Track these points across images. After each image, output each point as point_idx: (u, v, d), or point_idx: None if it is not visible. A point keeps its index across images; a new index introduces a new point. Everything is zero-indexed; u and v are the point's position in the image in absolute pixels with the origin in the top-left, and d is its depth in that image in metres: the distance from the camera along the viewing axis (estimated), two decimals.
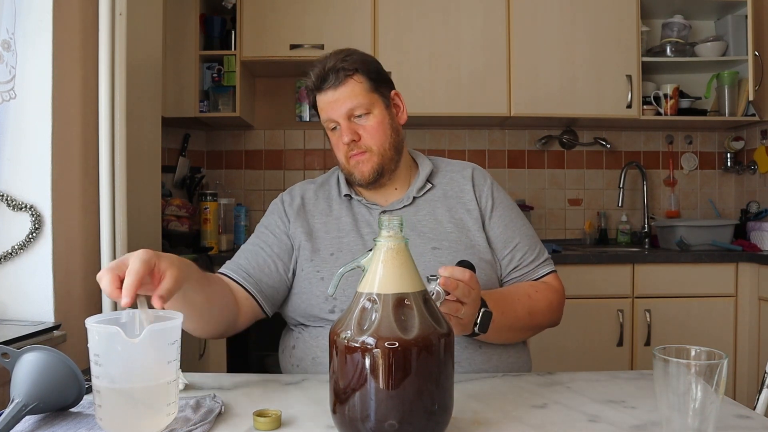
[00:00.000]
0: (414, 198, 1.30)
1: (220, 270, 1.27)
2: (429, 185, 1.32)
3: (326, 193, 1.35)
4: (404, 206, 1.29)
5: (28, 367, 0.82)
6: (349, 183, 1.33)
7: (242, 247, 1.33)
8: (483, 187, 1.33)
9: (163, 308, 0.82)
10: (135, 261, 0.81)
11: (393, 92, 1.31)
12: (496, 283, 1.26)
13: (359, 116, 1.24)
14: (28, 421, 0.83)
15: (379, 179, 1.27)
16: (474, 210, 1.29)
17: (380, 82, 1.27)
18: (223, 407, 0.88)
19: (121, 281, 0.80)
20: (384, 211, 1.28)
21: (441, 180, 1.34)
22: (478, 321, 1.02)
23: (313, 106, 1.30)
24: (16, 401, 0.79)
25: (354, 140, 1.23)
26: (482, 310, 1.02)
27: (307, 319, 1.23)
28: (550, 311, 1.27)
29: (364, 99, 1.23)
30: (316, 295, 1.22)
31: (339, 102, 1.22)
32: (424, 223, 1.26)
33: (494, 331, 1.07)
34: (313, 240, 1.27)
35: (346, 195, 1.31)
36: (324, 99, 1.24)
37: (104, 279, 0.80)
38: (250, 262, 1.26)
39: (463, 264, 1.00)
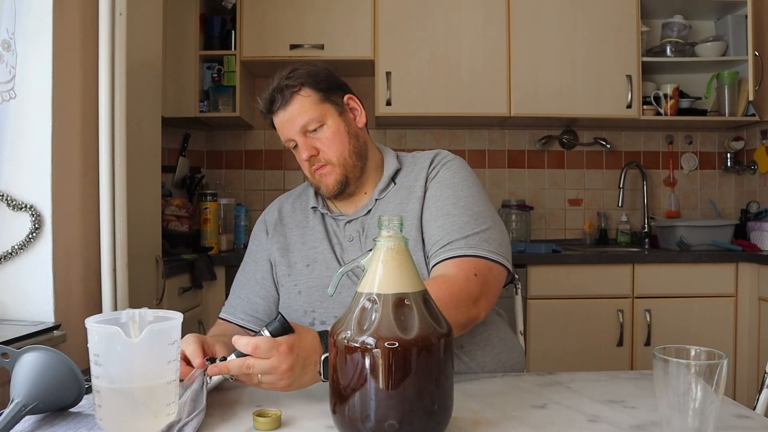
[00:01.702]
0: (376, 200, 1.26)
1: (220, 315, 1.32)
2: (392, 185, 1.27)
3: (303, 205, 1.34)
4: (368, 211, 1.26)
5: (28, 367, 0.82)
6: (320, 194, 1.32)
7: (234, 282, 1.36)
8: (434, 168, 1.25)
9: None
10: (187, 345, 0.96)
11: (346, 96, 1.27)
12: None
13: (314, 130, 1.21)
14: (28, 421, 0.83)
15: (345, 190, 1.24)
16: (421, 197, 1.22)
17: (330, 90, 1.24)
18: (206, 385, 0.88)
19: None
20: (349, 221, 1.26)
21: (402, 175, 1.28)
22: (321, 370, 0.89)
23: (273, 128, 1.28)
24: (15, 401, 0.80)
25: (313, 155, 1.22)
26: (324, 356, 0.88)
27: None
28: (444, 309, 0.95)
29: (315, 112, 1.21)
30: (294, 309, 1.23)
31: (291, 121, 1.21)
32: (374, 224, 1.23)
33: None
34: (288, 255, 1.28)
35: (313, 207, 1.31)
36: (277, 120, 1.23)
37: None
38: (242, 300, 1.30)
39: (275, 326, 0.87)
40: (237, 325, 1.28)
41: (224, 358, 0.89)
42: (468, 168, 1.27)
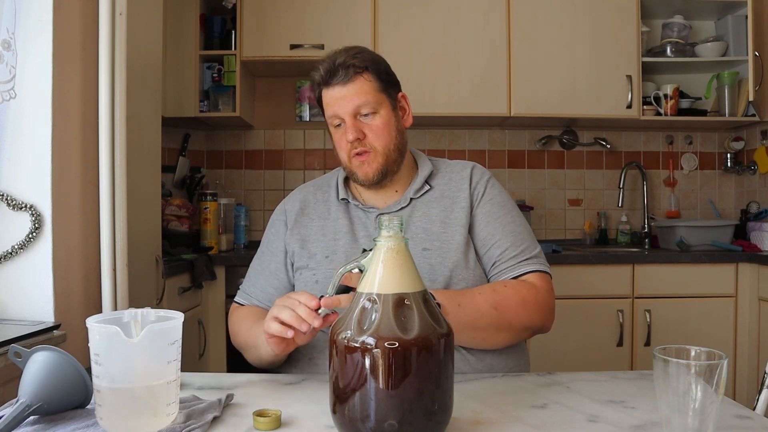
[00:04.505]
0: (411, 199, 1.29)
1: (236, 299, 1.34)
2: (427, 187, 1.30)
3: (325, 196, 1.35)
4: (401, 208, 1.28)
5: (36, 368, 0.82)
6: (347, 184, 1.33)
7: (249, 268, 1.37)
8: (479, 183, 1.31)
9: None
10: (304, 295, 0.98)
11: (400, 94, 1.30)
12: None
13: (365, 115, 1.22)
14: (31, 419, 0.83)
15: (382, 180, 1.26)
16: (467, 207, 1.27)
17: (389, 82, 1.26)
18: (221, 409, 0.88)
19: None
20: (380, 214, 1.27)
21: (440, 181, 1.32)
22: None
23: (318, 102, 1.28)
24: (20, 401, 0.80)
25: (358, 138, 1.22)
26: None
27: None
28: (525, 309, 1.16)
29: (372, 98, 1.21)
30: None
31: (346, 99, 1.21)
32: (417, 225, 1.26)
33: (458, 329, 1.05)
34: (308, 245, 1.28)
35: (342, 199, 1.31)
36: (331, 94, 1.22)
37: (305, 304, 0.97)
38: (257, 288, 1.31)
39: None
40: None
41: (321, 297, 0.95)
42: None
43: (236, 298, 1.34)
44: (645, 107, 3.00)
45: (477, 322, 1.11)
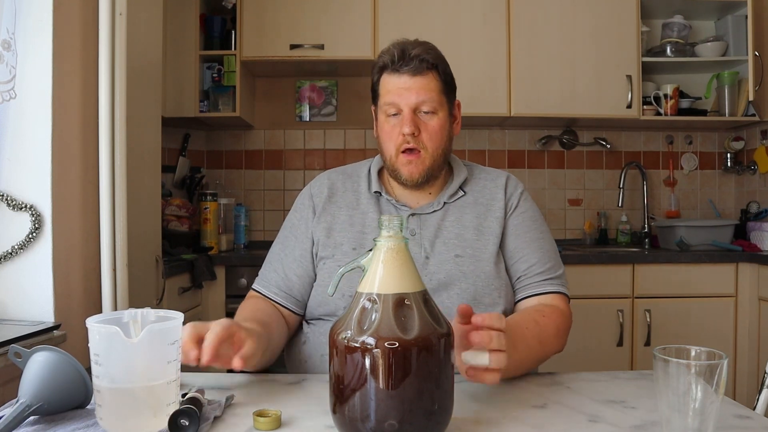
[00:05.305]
0: (444, 203, 1.27)
1: (253, 286, 1.30)
2: (461, 192, 1.29)
3: (354, 186, 1.31)
4: (434, 211, 1.26)
5: (36, 368, 0.82)
6: (381, 178, 1.31)
7: (270, 253, 1.33)
8: (513, 194, 1.30)
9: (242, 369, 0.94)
10: (217, 325, 0.91)
11: (456, 101, 1.29)
12: (513, 294, 1.25)
13: (425, 113, 1.20)
14: (31, 419, 0.83)
15: (424, 184, 1.24)
16: (501, 217, 1.26)
17: (451, 87, 1.26)
18: (221, 409, 0.88)
19: (201, 339, 0.90)
20: (413, 214, 1.25)
21: (473, 187, 1.30)
22: None
23: (373, 87, 1.25)
24: (20, 401, 0.80)
25: (414, 133, 1.19)
26: None
27: (324, 314, 1.23)
28: (557, 337, 1.18)
29: (436, 97, 1.20)
30: None
31: (412, 91, 1.18)
32: (450, 230, 1.24)
33: (509, 368, 1.01)
34: (333, 234, 1.25)
35: (375, 192, 1.28)
36: (395, 82, 1.19)
37: (185, 331, 0.89)
38: (278, 274, 1.27)
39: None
40: (269, 299, 1.26)
41: (184, 395, 0.83)
42: None
43: (254, 285, 1.29)
44: (645, 107, 3.01)
45: (526, 359, 1.08)
